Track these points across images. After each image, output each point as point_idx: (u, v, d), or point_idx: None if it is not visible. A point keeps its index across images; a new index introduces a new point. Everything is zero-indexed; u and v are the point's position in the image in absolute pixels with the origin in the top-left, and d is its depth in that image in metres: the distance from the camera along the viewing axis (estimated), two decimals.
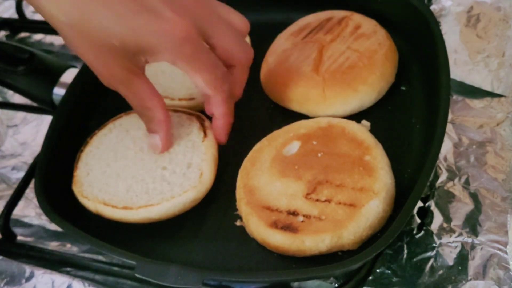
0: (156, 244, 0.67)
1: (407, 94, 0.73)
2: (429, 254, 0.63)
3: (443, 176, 0.68)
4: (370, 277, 0.62)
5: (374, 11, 0.78)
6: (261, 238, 0.63)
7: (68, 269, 0.70)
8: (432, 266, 0.62)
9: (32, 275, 0.67)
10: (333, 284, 0.64)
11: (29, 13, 1.06)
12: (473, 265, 0.61)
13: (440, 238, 0.64)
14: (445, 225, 0.64)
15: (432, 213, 0.66)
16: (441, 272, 0.62)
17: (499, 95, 0.75)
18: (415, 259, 0.63)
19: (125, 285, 0.68)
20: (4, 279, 0.68)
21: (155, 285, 0.61)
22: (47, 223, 0.78)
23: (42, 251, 0.73)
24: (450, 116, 0.73)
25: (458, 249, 0.63)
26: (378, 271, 0.63)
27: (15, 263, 0.69)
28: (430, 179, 0.68)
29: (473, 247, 0.62)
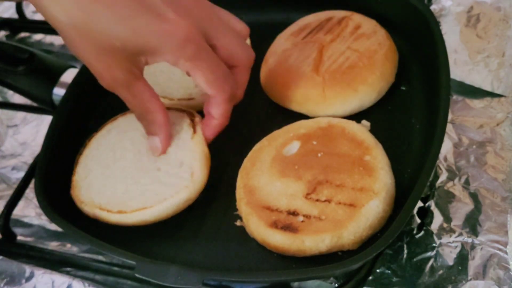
0: (156, 244, 0.67)
1: (407, 94, 0.73)
2: (429, 254, 0.63)
3: (443, 176, 0.68)
4: (370, 277, 0.62)
5: (374, 11, 0.78)
6: (261, 238, 0.63)
7: (68, 269, 0.70)
8: (432, 266, 0.62)
9: (32, 275, 0.67)
10: (333, 284, 0.64)
11: (29, 13, 1.06)
12: (473, 265, 0.61)
13: (440, 238, 0.64)
14: (445, 225, 0.64)
15: (432, 213, 0.66)
16: (441, 272, 0.62)
17: (499, 95, 0.75)
18: (415, 259, 0.63)
19: (125, 285, 0.68)
20: (4, 279, 0.68)
21: (155, 285, 0.61)
22: (47, 223, 0.78)
23: (42, 251, 0.73)
24: (450, 116, 0.73)
25: (458, 249, 0.63)
26: (378, 271, 0.63)
27: (15, 263, 0.69)
28: (430, 179, 0.68)
29: (473, 247, 0.62)
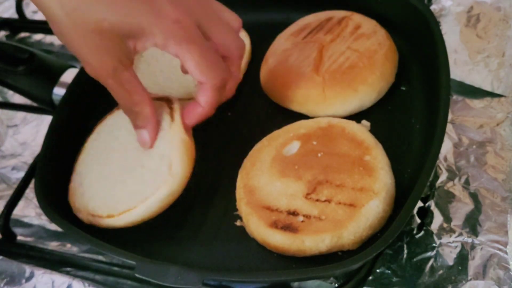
0: (156, 244, 0.67)
1: (407, 94, 0.73)
2: (429, 254, 0.63)
3: (443, 176, 0.68)
4: (370, 277, 0.62)
5: (374, 11, 0.78)
6: (261, 238, 0.63)
7: (68, 269, 0.70)
8: (432, 266, 0.62)
9: (32, 275, 0.67)
10: (333, 284, 0.64)
11: (29, 13, 1.06)
12: (473, 265, 0.61)
13: (440, 238, 0.64)
14: (445, 225, 0.64)
15: (432, 213, 0.66)
16: (441, 272, 0.62)
17: (499, 95, 0.75)
18: (415, 259, 0.63)
19: (125, 285, 0.68)
20: (4, 279, 0.68)
21: (155, 285, 0.61)
22: (47, 223, 0.78)
23: (42, 251, 0.73)
24: (450, 116, 0.73)
25: (458, 249, 0.63)
26: (378, 271, 0.63)
27: (15, 263, 0.69)
28: (430, 179, 0.68)
29: (473, 247, 0.62)
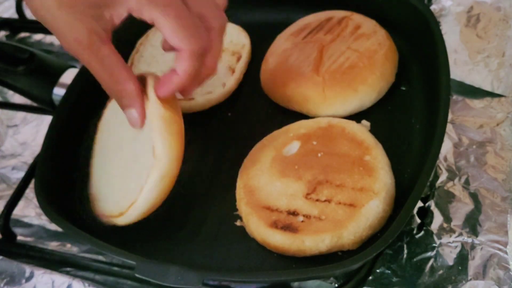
0: (156, 244, 0.67)
1: (407, 94, 0.73)
2: (429, 254, 0.63)
3: (443, 176, 0.68)
4: (370, 277, 0.62)
5: (374, 11, 0.78)
6: (261, 238, 0.63)
7: (68, 269, 0.70)
8: (432, 266, 0.62)
9: (32, 275, 0.67)
10: (333, 284, 0.64)
11: (29, 13, 1.05)
12: (473, 265, 0.61)
13: (440, 238, 0.64)
14: (445, 225, 0.64)
15: (432, 213, 0.66)
16: (441, 272, 0.62)
17: (499, 95, 0.75)
18: (415, 259, 0.63)
19: (125, 285, 0.68)
20: (4, 279, 0.68)
21: (155, 285, 0.61)
22: (47, 223, 0.78)
23: (42, 251, 0.73)
24: (450, 116, 0.73)
25: (458, 249, 0.63)
26: (378, 271, 0.63)
27: (15, 263, 0.69)
28: (430, 179, 0.68)
29: (473, 247, 0.62)
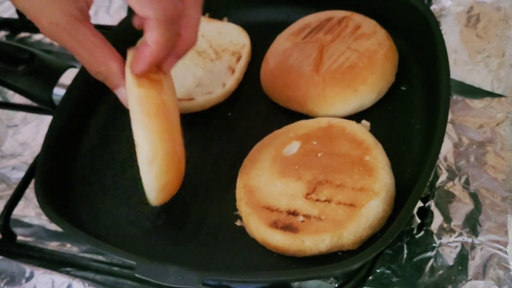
0: (156, 244, 0.67)
1: (407, 94, 0.73)
2: (429, 254, 0.63)
3: (443, 176, 0.68)
4: (370, 277, 0.62)
5: (374, 11, 0.78)
6: (261, 238, 0.63)
7: (68, 269, 0.70)
8: (432, 266, 0.62)
9: (32, 275, 0.67)
10: (333, 284, 0.64)
11: None
12: (473, 265, 0.61)
13: (440, 238, 0.64)
14: (445, 225, 0.64)
15: (432, 213, 0.66)
16: (441, 272, 0.62)
17: (499, 95, 0.75)
18: (415, 259, 0.63)
19: (125, 285, 0.68)
20: (4, 279, 0.68)
21: (155, 285, 0.61)
22: (47, 223, 0.78)
23: (42, 251, 0.73)
24: (450, 116, 0.73)
25: (458, 249, 0.63)
26: (378, 271, 0.63)
27: (15, 263, 0.69)
28: (430, 179, 0.68)
29: (473, 247, 0.62)
